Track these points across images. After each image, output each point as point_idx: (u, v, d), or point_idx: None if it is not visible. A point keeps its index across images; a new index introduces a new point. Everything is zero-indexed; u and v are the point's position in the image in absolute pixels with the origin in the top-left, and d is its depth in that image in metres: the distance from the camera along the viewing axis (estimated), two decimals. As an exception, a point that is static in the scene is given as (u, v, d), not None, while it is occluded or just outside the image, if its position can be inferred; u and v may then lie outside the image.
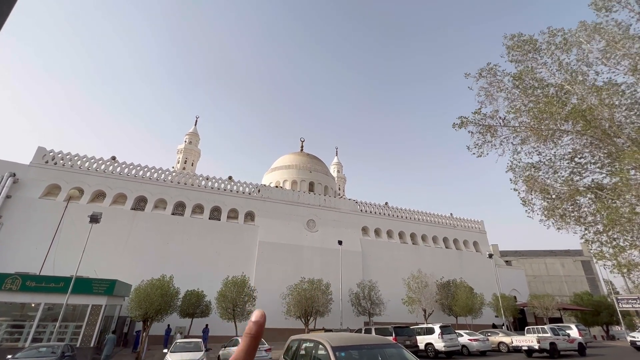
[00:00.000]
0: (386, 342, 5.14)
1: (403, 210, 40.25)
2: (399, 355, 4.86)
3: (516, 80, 7.11)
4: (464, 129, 7.31)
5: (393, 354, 4.88)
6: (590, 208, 6.53)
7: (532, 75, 7.08)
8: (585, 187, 6.48)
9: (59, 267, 21.10)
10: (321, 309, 23.38)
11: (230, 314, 20.83)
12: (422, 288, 27.79)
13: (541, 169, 6.92)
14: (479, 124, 7.21)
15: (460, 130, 7.50)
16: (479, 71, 7.79)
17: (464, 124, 7.34)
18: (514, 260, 54.76)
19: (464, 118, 7.38)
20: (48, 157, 27.28)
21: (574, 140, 6.72)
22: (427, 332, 19.25)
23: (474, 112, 7.30)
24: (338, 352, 4.55)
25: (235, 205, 31.80)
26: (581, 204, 6.69)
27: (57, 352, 12.39)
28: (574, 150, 6.76)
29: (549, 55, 7.15)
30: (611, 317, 36.80)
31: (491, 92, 7.47)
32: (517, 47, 7.53)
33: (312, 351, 5.23)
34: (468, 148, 7.42)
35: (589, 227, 6.49)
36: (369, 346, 4.85)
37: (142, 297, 17.01)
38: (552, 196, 6.71)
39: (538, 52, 7.37)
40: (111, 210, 26.80)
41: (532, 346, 17.09)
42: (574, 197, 6.48)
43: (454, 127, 7.38)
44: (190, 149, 56.89)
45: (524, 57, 7.40)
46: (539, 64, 7.24)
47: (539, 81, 7.02)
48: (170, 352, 13.38)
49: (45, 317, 17.42)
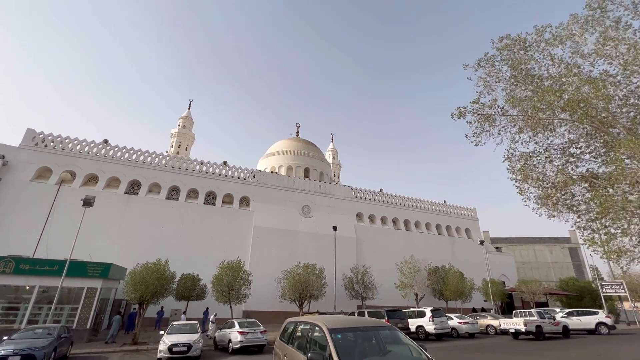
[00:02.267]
0: (381, 324, 5.26)
1: (397, 197, 40.59)
2: (393, 337, 4.98)
3: (514, 70, 7.09)
4: (462, 118, 7.30)
5: (387, 335, 5.00)
6: (584, 197, 6.67)
7: (527, 71, 7.12)
8: (580, 176, 6.58)
9: (53, 250, 21.02)
10: (315, 292, 23.80)
11: (225, 297, 21.10)
12: (414, 273, 28.39)
13: (537, 158, 6.99)
14: (477, 113, 7.21)
15: (458, 120, 7.52)
16: (477, 61, 7.77)
17: (462, 114, 7.34)
18: (504, 247, 56.16)
19: (462, 108, 7.38)
20: (38, 140, 26.67)
21: (570, 130, 6.78)
22: (419, 315, 19.81)
23: (472, 102, 7.31)
24: (334, 334, 4.64)
25: (230, 191, 31.72)
26: (575, 192, 6.81)
27: (53, 334, 12.46)
28: (570, 140, 6.84)
29: (539, 52, 7.24)
30: (594, 302, 38.27)
31: (490, 82, 7.48)
32: (507, 48, 7.53)
33: (309, 333, 5.33)
34: (466, 136, 7.44)
35: (582, 215, 6.64)
36: (364, 328, 4.96)
37: (138, 280, 17.08)
38: (546, 185, 6.82)
39: (527, 50, 7.39)
40: (105, 194, 26.54)
41: (519, 329, 17.72)
42: (569, 185, 6.59)
43: (452, 117, 7.37)
44: (184, 133, 56.03)
45: (515, 56, 7.42)
46: (531, 60, 7.26)
47: (533, 77, 7.06)
48: (166, 333, 13.55)
49: (40, 300, 17.53)
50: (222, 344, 15.59)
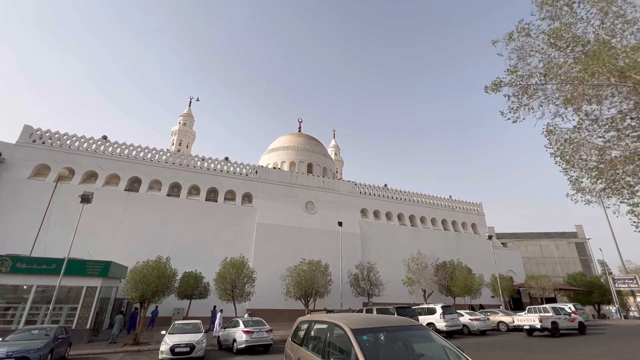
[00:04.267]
0: (411, 323, 4.58)
1: (402, 192, 39.86)
2: (427, 338, 4.32)
3: (552, 39, 6.28)
4: (499, 91, 6.51)
5: (420, 336, 4.35)
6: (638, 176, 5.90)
7: (570, 32, 6.24)
8: (633, 153, 5.81)
9: (51, 249, 20.48)
10: (321, 290, 23.20)
11: (229, 295, 20.53)
12: (421, 269, 27.75)
13: (585, 132, 6.24)
14: (516, 84, 6.43)
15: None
16: (509, 34, 6.95)
17: (498, 87, 6.56)
18: (509, 242, 55.40)
19: (498, 79, 6.55)
20: (35, 136, 26.09)
21: (622, 101, 5.99)
22: (429, 312, 19.20)
23: (509, 71, 6.49)
24: (359, 335, 3.99)
25: (232, 187, 31.10)
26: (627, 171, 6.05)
27: (50, 335, 11.90)
28: (621, 112, 6.06)
29: (590, 5, 6.27)
30: (602, 297, 37.56)
31: (523, 55, 6.67)
32: (549, 3, 6.68)
33: (327, 334, 4.68)
34: (502, 114, 6.68)
35: (634, 195, 5.87)
36: (393, 328, 4.29)
37: (138, 278, 16.50)
38: (593, 164, 6.09)
39: (573, 5, 6.52)
40: (104, 191, 25.96)
41: (534, 325, 17.06)
42: (626, 164, 5.80)
43: (486, 91, 6.61)
44: (184, 130, 55.32)
45: (558, 13, 6.55)
46: (577, 19, 6.41)
47: (577, 38, 6.20)
48: (168, 333, 12.97)
49: (40, 299, 17.03)
50: (226, 344, 15.02)
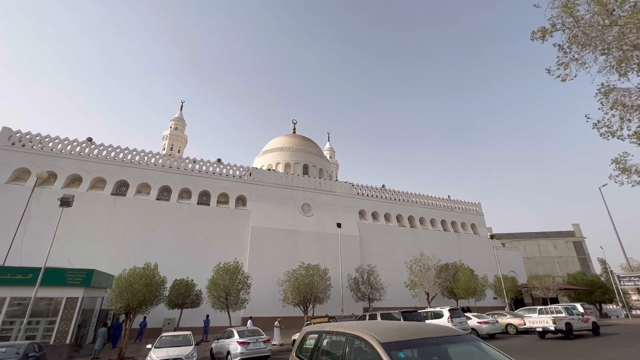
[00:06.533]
0: (455, 332, 3.52)
1: (400, 193, 39.00)
2: (480, 351, 3.28)
3: None
4: (549, 39, 5.53)
5: (471, 350, 3.31)
6: None
7: None
8: None
9: (29, 257, 18.96)
10: (320, 295, 22.03)
11: (222, 303, 19.23)
12: (424, 271, 26.76)
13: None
14: (570, 27, 5.44)
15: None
16: None
17: (547, 33, 5.57)
18: (507, 243, 54.91)
19: (547, 26, 5.55)
20: (15, 139, 24.60)
21: None
22: (436, 316, 18.16)
23: (565, 6, 5.37)
24: (393, 351, 2.94)
25: (225, 190, 29.86)
26: None
27: (20, 352, 10.53)
28: None
29: None
30: (604, 296, 37.08)
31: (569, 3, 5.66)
32: None
33: (345, 348, 3.60)
34: (548, 72, 5.76)
35: None
36: (434, 340, 3.24)
37: (124, 287, 15.18)
38: None
39: None
40: (89, 195, 24.53)
41: (548, 327, 16.10)
42: None
43: (532, 38, 5.63)
44: (176, 134, 54.01)
45: None
46: None
47: None
48: (154, 347, 11.70)
49: (15, 313, 15.53)
50: (219, 356, 13.76)
